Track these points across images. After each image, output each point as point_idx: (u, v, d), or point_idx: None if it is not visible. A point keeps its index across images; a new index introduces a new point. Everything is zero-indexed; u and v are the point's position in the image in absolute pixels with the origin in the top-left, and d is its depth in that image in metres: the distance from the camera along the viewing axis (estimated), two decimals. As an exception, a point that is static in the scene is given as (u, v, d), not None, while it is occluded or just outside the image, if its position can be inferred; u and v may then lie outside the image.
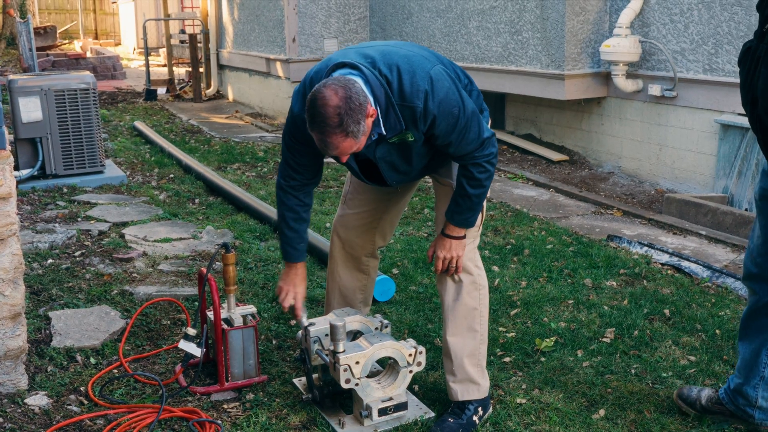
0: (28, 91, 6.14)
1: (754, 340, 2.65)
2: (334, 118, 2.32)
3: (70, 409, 2.92)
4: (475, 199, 2.70)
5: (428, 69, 2.50)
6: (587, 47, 6.77)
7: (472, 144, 2.60)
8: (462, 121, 2.54)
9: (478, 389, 2.84)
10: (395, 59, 2.50)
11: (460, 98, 2.53)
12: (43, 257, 4.51)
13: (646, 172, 6.59)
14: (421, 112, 2.47)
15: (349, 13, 9.91)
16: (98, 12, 27.94)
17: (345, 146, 2.39)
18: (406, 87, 2.46)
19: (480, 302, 2.84)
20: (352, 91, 2.34)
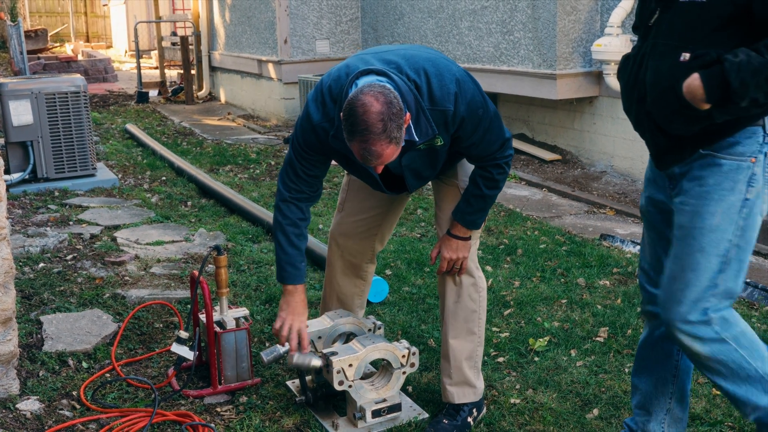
0: (18, 95, 6.11)
1: (655, 370, 2.44)
2: (378, 125, 2.24)
3: (63, 414, 2.91)
4: (489, 200, 2.70)
5: (454, 71, 2.48)
6: (579, 47, 6.78)
7: (495, 144, 2.58)
8: (486, 122, 2.53)
9: (474, 392, 2.84)
10: (421, 63, 2.46)
11: (483, 99, 2.54)
12: (34, 261, 4.49)
13: (638, 171, 6.60)
14: (452, 114, 2.45)
15: (341, 14, 9.91)
16: (89, 15, 27.86)
17: (388, 153, 2.31)
18: (435, 91, 2.42)
19: (479, 305, 2.83)
20: (391, 96, 2.28)
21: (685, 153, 2.10)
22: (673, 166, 2.15)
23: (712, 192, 2.06)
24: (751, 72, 1.87)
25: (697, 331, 2.10)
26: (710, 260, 2.07)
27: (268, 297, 4.00)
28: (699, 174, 2.08)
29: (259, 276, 4.31)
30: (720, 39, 1.96)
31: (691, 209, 2.09)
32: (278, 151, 8.28)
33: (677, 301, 2.10)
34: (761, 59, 1.88)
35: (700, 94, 1.94)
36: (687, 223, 2.10)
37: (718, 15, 1.96)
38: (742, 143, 2.05)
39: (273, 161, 7.72)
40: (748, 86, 1.89)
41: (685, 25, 2.02)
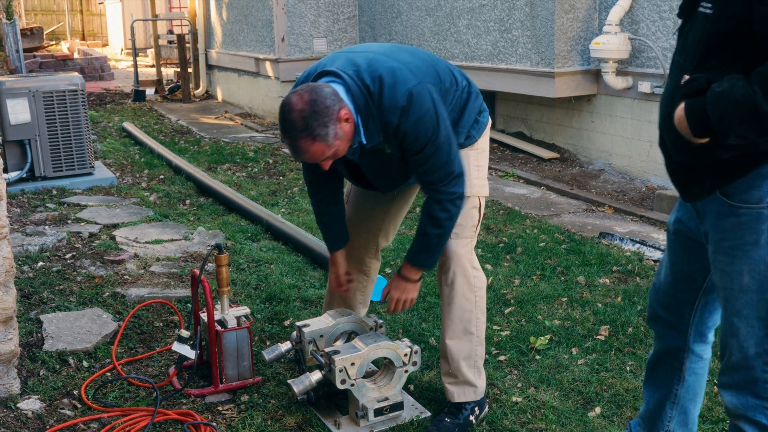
0: (15, 93, 6.09)
1: (659, 389, 2.35)
2: (300, 122, 2.35)
3: (64, 413, 2.90)
4: (434, 239, 2.66)
5: (411, 86, 2.47)
6: (577, 45, 6.78)
7: (437, 173, 2.57)
8: (431, 147, 2.52)
9: (474, 391, 2.84)
10: (380, 70, 2.49)
11: (437, 122, 2.51)
12: (33, 260, 4.48)
13: (636, 169, 6.61)
14: (395, 127, 2.48)
15: (339, 12, 9.89)
16: (85, 13, 27.79)
17: (315, 150, 2.40)
18: (385, 100, 2.46)
19: (476, 304, 2.82)
20: (318, 95, 2.37)
21: (704, 190, 1.88)
22: (695, 200, 1.96)
23: (735, 248, 1.85)
24: (730, 105, 1.65)
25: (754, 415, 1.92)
26: (751, 324, 1.87)
27: (268, 295, 3.99)
28: (720, 224, 1.88)
29: (259, 275, 4.30)
30: (727, 59, 1.75)
31: (720, 267, 1.91)
32: (276, 150, 8.27)
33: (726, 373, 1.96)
34: (744, 90, 1.64)
35: (685, 126, 1.76)
36: (719, 283, 1.93)
37: (722, 30, 1.75)
38: (758, 187, 1.79)
39: (271, 159, 7.71)
40: (728, 122, 1.67)
41: (696, 40, 1.82)
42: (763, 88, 1.62)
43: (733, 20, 1.71)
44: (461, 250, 2.78)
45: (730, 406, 1.96)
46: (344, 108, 2.42)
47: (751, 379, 1.90)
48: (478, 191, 2.82)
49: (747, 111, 1.63)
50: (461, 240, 2.78)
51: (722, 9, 1.74)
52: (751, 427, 1.93)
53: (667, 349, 2.29)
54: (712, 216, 1.89)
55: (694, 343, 2.24)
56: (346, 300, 3.19)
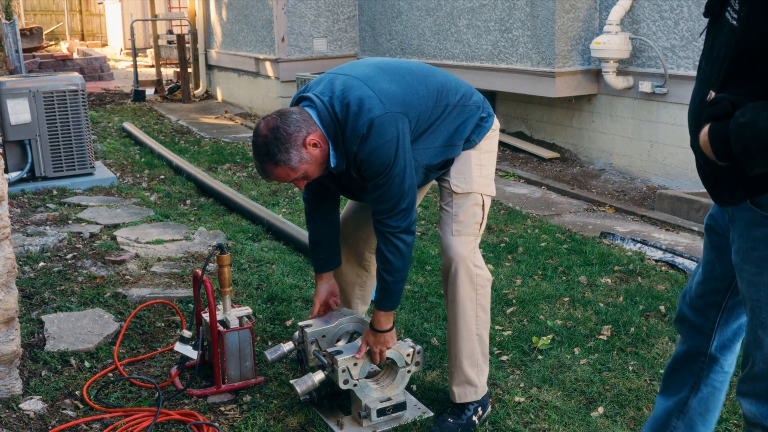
0: (16, 93, 6.09)
1: (671, 396, 2.27)
2: (262, 147, 2.51)
3: (66, 414, 2.90)
4: (386, 275, 2.65)
5: (374, 115, 2.50)
6: (577, 44, 6.78)
7: (385, 204, 2.59)
8: (383, 178, 2.55)
9: (475, 391, 2.83)
10: (349, 98, 2.54)
11: (395, 154, 2.53)
12: (34, 260, 4.48)
13: (637, 169, 6.61)
14: (354, 154, 2.55)
15: (338, 12, 9.89)
16: (84, 13, 27.78)
17: (279, 173, 2.53)
18: (348, 129, 2.53)
19: (477, 302, 2.80)
20: (283, 121, 2.50)
21: (735, 197, 1.81)
22: (726, 206, 1.88)
23: (764, 259, 1.79)
24: (753, 137, 1.58)
25: None
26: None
27: (269, 296, 3.99)
28: (750, 234, 1.81)
29: (260, 275, 4.30)
30: (754, 77, 1.65)
31: (747, 277, 1.85)
32: (276, 150, 8.25)
33: (747, 381, 1.91)
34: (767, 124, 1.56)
35: (709, 151, 1.70)
36: (745, 293, 1.87)
37: (749, 48, 1.64)
38: None
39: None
40: (752, 154, 1.60)
41: (722, 52, 1.72)
42: None
43: (762, 39, 1.62)
44: (462, 247, 2.76)
45: (749, 415, 1.94)
46: (313, 133, 2.52)
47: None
48: (479, 188, 2.80)
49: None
50: (462, 237, 2.76)
51: (750, 25, 1.65)
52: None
53: (688, 352, 2.22)
54: (743, 224, 1.84)
55: (716, 350, 2.17)
56: (344, 293, 3.21)
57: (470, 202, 2.78)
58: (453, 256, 2.75)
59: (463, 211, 2.76)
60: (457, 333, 2.81)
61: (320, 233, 2.94)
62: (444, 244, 2.78)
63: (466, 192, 2.78)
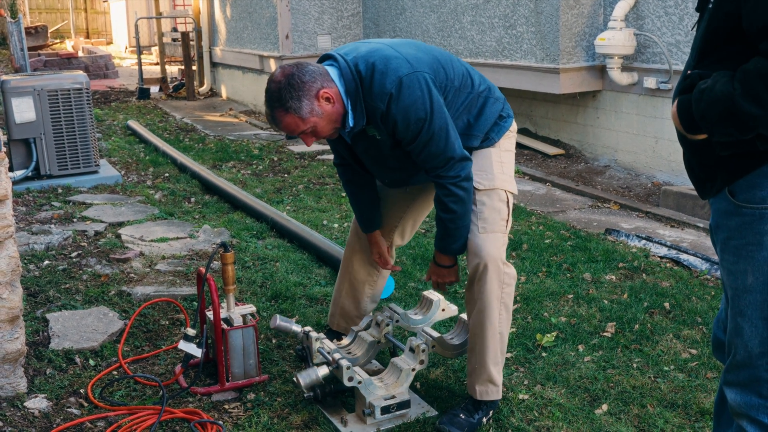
0: (21, 92, 6.10)
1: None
2: (275, 93, 2.51)
3: (70, 412, 2.90)
4: (448, 223, 2.70)
5: (402, 74, 2.53)
6: (582, 41, 6.76)
7: (435, 159, 2.62)
8: (426, 134, 2.56)
9: (497, 390, 2.80)
10: (375, 58, 2.57)
11: (430, 110, 2.55)
12: (39, 259, 4.49)
13: (642, 165, 6.59)
14: (383, 113, 2.54)
15: (342, 9, 9.88)
16: (89, 11, 27.82)
17: (288, 122, 2.53)
18: (375, 87, 2.54)
19: (502, 301, 2.76)
20: (298, 70, 2.52)
21: (715, 187, 1.86)
22: (708, 197, 1.92)
23: (740, 248, 1.83)
24: (710, 102, 1.65)
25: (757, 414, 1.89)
26: (755, 323, 1.85)
27: (273, 293, 3.99)
28: (726, 223, 1.86)
29: (265, 272, 4.30)
30: (724, 56, 1.74)
31: (726, 266, 1.89)
32: (281, 147, 8.27)
33: (730, 371, 1.93)
34: (725, 88, 1.64)
35: (677, 123, 1.78)
36: (725, 282, 1.91)
37: (719, 27, 1.74)
38: (761, 186, 1.77)
39: (276, 157, 7.71)
40: (709, 119, 1.67)
41: (703, 36, 1.81)
42: (743, 85, 1.62)
43: (728, 17, 1.70)
44: (491, 246, 2.71)
45: (734, 405, 1.95)
46: (328, 88, 2.53)
47: (755, 379, 1.89)
48: (502, 185, 2.79)
49: (725, 108, 1.63)
50: (490, 235, 2.72)
51: (719, 5, 1.74)
52: (753, 427, 1.92)
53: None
54: (720, 214, 1.88)
55: None
56: (355, 291, 3.22)
57: (494, 198, 2.76)
58: (484, 257, 2.69)
59: (488, 208, 2.73)
60: (482, 331, 2.76)
61: (360, 195, 3.00)
62: (473, 244, 2.73)
63: (489, 188, 2.76)
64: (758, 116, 1.62)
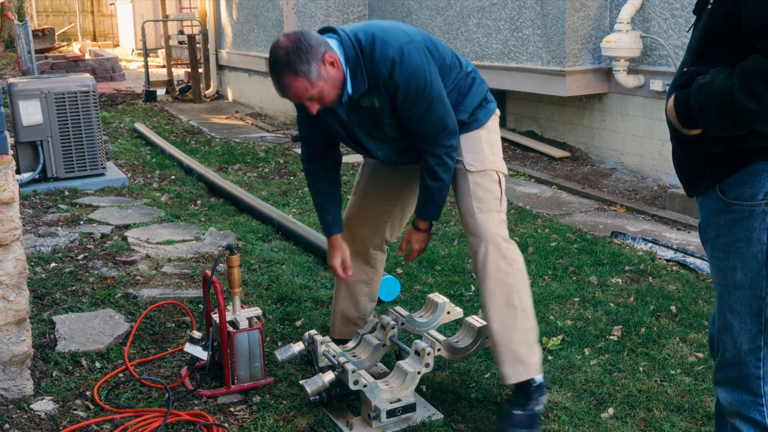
0: (28, 95, 6.12)
1: None
2: (283, 58, 2.51)
3: (77, 414, 2.91)
4: (435, 191, 2.80)
5: (403, 41, 2.61)
6: (588, 43, 6.75)
7: (434, 127, 2.69)
8: (425, 100, 2.64)
9: (526, 369, 2.74)
10: (374, 30, 2.65)
11: (430, 78, 2.63)
12: (46, 261, 4.50)
13: (648, 168, 6.58)
14: (385, 79, 2.59)
15: (348, 12, 9.89)
16: (96, 14, 27.91)
17: (298, 86, 2.53)
18: (376, 53, 2.59)
19: (514, 276, 2.74)
20: (303, 35, 2.54)
21: (704, 184, 1.89)
22: (696, 195, 1.95)
23: (729, 245, 1.85)
24: (709, 96, 1.70)
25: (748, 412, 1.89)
26: (744, 320, 1.86)
27: (279, 296, 3.99)
28: (716, 221, 1.88)
29: (270, 275, 4.30)
30: (721, 54, 1.78)
31: (716, 264, 1.90)
32: (287, 150, 8.27)
33: (720, 369, 1.94)
34: (724, 83, 1.68)
35: (674, 117, 1.81)
36: (715, 278, 1.92)
37: (717, 26, 1.78)
38: (750, 183, 1.79)
39: (281, 159, 7.72)
40: (706, 113, 1.71)
41: (701, 35, 1.85)
42: (741, 81, 1.65)
43: (727, 16, 1.74)
44: (489, 224, 2.75)
45: (725, 404, 1.95)
46: (331, 52, 2.56)
47: (745, 376, 1.90)
48: (493, 166, 2.86)
49: (723, 102, 1.67)
50: (486, 214, 2.76)
51: (718, 5, 1.78)
52: (746, 425, 1.92)
53: None
54: (710, 212, 1.90)
55: None
56: (352, 291, 3.24)
57: (487, 179, 2.81)
58: (481, 235, 2.72)
59: (482, 189, 2.79)
60: (498, 311, 2.73)
61: (325, 194, 3.00)
62: (470, 225, 2.77)
63: (481, 170, 2.81)
64: (755, 111, 1.65)
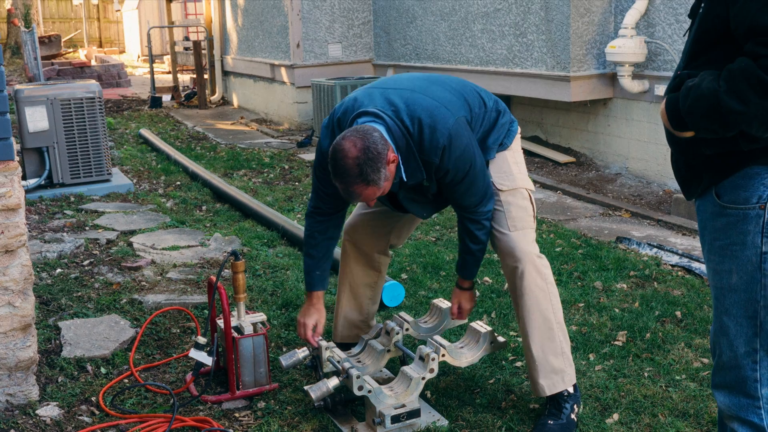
0: (34, 101, 6.15)
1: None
2: (354, 169, 2.47)
3: (82, 420, 2.92)
4: (478, 254, 2.89)
5: (450, 124, 2.61)
6: (592, 48, 6.76)
7: (476, 197, 2.75)
8: (471, 176, 2.69)
9: (562, 379, 2.80)
10: (418, 112, 2.62)
11: (473, 154, 2.69)
12: (51, 267, 4.51)
13: (653, 173, 6.57)
14: (437, 166, 2.64)
15: (353, 17, 9.91)
16: (102, 20, 28.02)
17: (368, 193, 2.56)
18: (426, 142, 2.60)
19: (548, 291, 2.81)
20: (370, 141, 2.49)
21: (701, 187, 1.90)
22: (693, 197, 1.96)
23: (725, 248, 1.86)
24: (696, 98, 1.72)
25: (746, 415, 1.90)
26: (740, 322, 1.87)
27: (284, 302, 4.00)
28: (712, 224, 1.89)
29: (275, 281, 4.31)
30: (713, 57, 1.79)
31: (712, 267, 1.92)
32: (291, 155, 8.29)
33: (717, 373, 1.95)
34: (711, 85, 1.69)
35: (665, 119, 1.83)
36: (711, 282, 1.93)
37: (709, 29, 1.79)
38: (743, 187, 1.80)
39: (287, 165, 7.73)
40: (694, 114, 1.73)
41: (693, 38, 1.86)
42: (727, 83, 1.67)
43: (718, 19, 1.76)
44: (524, 241, 2.81)
45: (723, 407, 1.96)
46: (391, 150, 2.56)
47: (742, 379, 1.90)
48: (523, 184, 2.91)
49: (710, 104, 1.69)
50: (520, 232, 2.82)
51: (709, 8, 1.80)
52: (744, 428, 1.92)
53: None
54: (707, 216, 1.92)
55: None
56: (355, 294, 3.26)
57: (518, 197, 2.87)
58: (520, 256, 2.78)
59: (514, 207, 2.84)
60: (535, 325, 2.80)
61: (321, 249, 2.98)
62: (506, 245, 2.81)
63: (512, 188, 2.87)
64: (740, 113, 1.66)
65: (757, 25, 1.63)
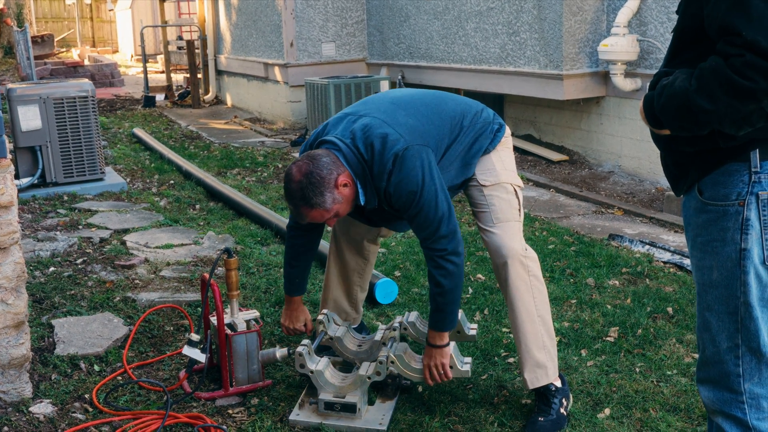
0: (27, 100, 6.14)
1: None
2: (297, 192, 2.60)
3: (75, 417, 2.92)
4: (438, 297, 2.70)
5: (398, 149, 2.63)
6: (585, 47, 6.78)
7: (425, 230, 2.69)
8: (415, 208, 2.65)
9: (545, 373, 2.82)
10: (372, 138, 2.66)
11: (421, 184, 2.62)
12: (44, 265, 4.51)
13: (646, 171, 6.60)
14: (383, 190, 2.67)
15: (347, 16, 9.92)
16: (95, 20, 27.97)
17: (314, 215, 2.65)
18: (376, 166, 2.65)
19: (531, 284, 2.83)
20: (314, 166, 2.60)
21: (688, 181, 1.92)
22: (681, 193, 1.98)
23: (706, 244, 1.89)
24: (668, 97, 1.75)
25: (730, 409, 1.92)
26: (722, 318, 1.89)
27: (277, 299, 4.01)
28: (695, 221, 1.91)
29: (269, 278, 4.32)
30: (692, 56, 1.80)
31: (695, 263, 1.94)
32: (285, 154, 8.29)
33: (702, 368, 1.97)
34: (682, 83, 1.72)
35: (643, 117, 1.87)
36: (694, 277, 1.97)
37: (686, 27, 1.81)
38: (723, 184, 1.83)
39: (280, 164, 7.73)
40: (666, 112, 1.76)
41: (673, 37, 1.89)
42: (699, 81, 1.69)
43: (694, 18, 1.78)
44: (510, 237, 2.82)
45: (707, 402, 1.98)
46: (343, 174, 2.62)
47: (725, 373, 1.92)
48: (506, 179, 2.91)
49: (681, 103, 1.72)
50: (504, 224, 2.83)
51: (686, 7, 1.82)
52: (729, 423, 1.94)
53: None
54: (690, 212, 1.94)
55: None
56: (344, 278, 3.31)
57: (502, 191, 2.87)
58: (505, 254, 2.80)
59: (498, 200, 2.86)
60: (518, 319, 2.83)
61: (301, 259, 3.08)
62: (493, 243, 2.83)
63: (495, 183, 2.88)
64: (710, 111, 1.69)
65: (726, 25, 1.65)
